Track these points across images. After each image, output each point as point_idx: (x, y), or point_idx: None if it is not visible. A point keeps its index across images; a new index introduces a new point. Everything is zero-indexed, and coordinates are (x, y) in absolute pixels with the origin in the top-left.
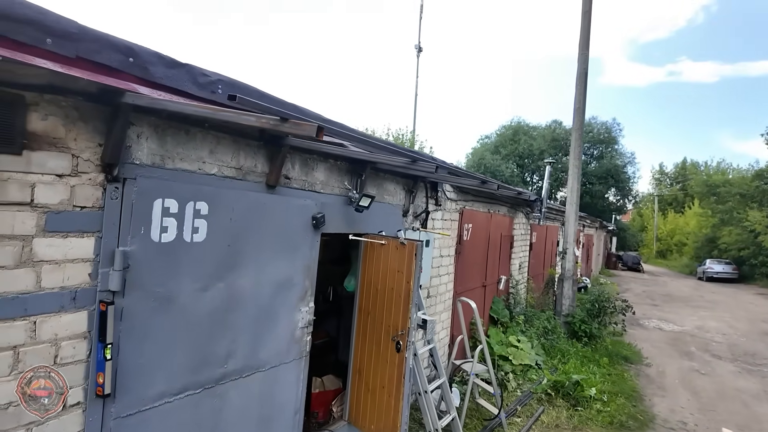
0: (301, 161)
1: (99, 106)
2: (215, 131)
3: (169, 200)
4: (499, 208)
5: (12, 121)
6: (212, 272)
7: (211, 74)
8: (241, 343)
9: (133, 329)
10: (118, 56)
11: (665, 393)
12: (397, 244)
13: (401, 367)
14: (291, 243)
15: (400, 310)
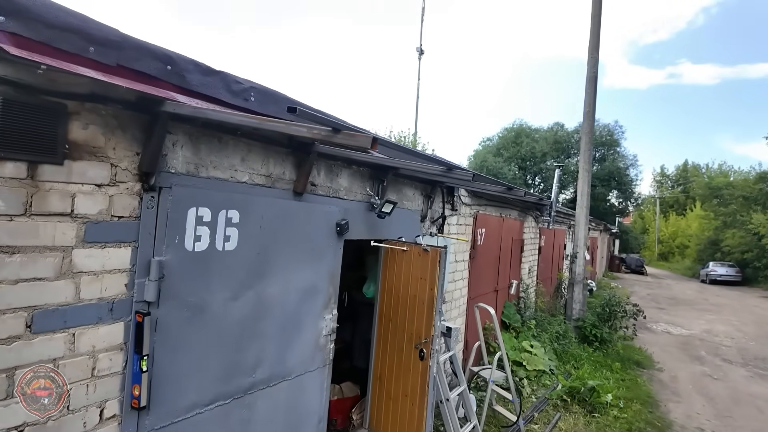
0: (326, 168)
1: (137, 115)
2: (246, 139)
3: (202, 209)
4: (511, 212)
5: (55, 130)
6: (242, 280)
7: (243, 81)
8: (269, 352)
9: (166, 340)
10: (156, 64)
11: (680, 399)
12: (420, 251)
13: (425, 376)
14: (316, 250)
15: (423, 317)
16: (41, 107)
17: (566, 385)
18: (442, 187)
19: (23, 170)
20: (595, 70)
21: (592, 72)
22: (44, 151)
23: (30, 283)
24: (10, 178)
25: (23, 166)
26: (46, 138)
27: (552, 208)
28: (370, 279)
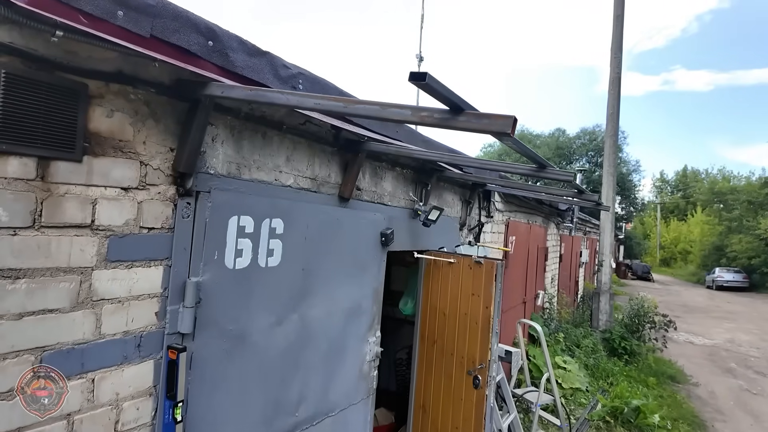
0: (371, 170)
1: (173, 101)
2: (292, 135)
3: (244, 218)
4: (537, 218)
5: (72, 117)
6: (286, 302)
7: (291, 66)
8: (312, 386)
9: (202, 379)
10: (197, 38)
11: (725, 417)
12: (471, 263)
13: (481, 406)
14: (360, 263)
15: (477, 339)
16: (56, 87)
17: (607, 404)
18: (479, 191)
19: (32, 168)
20: (619, 70)
21: (616, 73)
22: (59, 144)
23: (38, 317)
24: (14, 179)
25: (32, 163)
26: (62, 127)
27: (574, 214)
28: (407, 294)
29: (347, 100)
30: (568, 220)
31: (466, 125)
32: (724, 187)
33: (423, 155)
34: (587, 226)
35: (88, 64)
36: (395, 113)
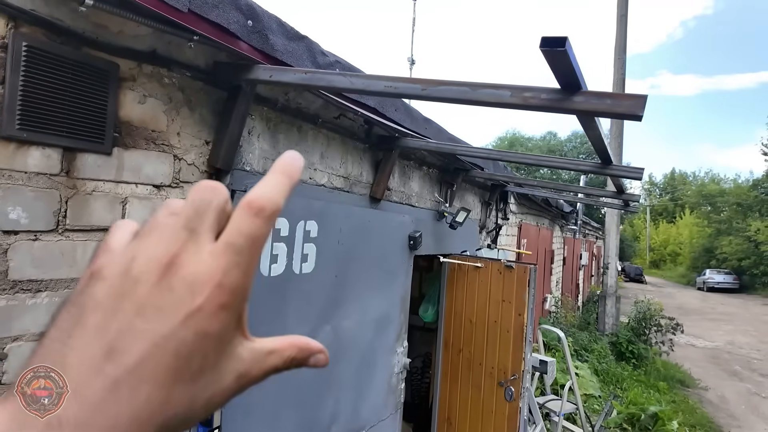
0: (399, 169)
1: (208, 88)
2: (326, 130)
3: (280, 220)
4: (544, 220)
5: (102, 102)
6: (320, 312)
7: (329, 54)
8: (345, 403)
9: (236, 401)
10: (236, 16)
11: (740, 423)
12: (501, 268)
13: (514, 420)
14: (389, 269)
15: (510, 349)
16: (83, 66)
17: (623, 411)
18: (498, 193)
19: (56, 161)
20: (623, 71)
21: (620, 74)
22: (86, 134)
23: None
24: (35, 174)
25: (56, 156)
26: (90, 114)
27: (578, 216)
28: (428, 300)
29: (426, 81)
30: (571, 222)
31: (584, 107)
32: (713, 189)
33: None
34: (586, 228)
35: (119, 40)
36: (490, 95)
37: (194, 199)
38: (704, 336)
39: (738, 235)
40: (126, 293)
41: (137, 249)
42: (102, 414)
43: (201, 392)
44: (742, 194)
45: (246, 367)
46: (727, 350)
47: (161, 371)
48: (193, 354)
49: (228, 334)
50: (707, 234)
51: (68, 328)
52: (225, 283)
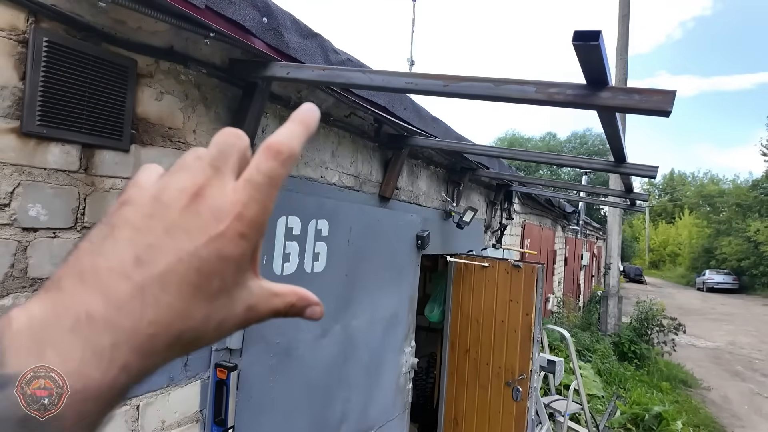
0: (407, 168)
1: (224, 85)
2: (337, 128)
3: (292, 218)
4: (546, 220)
5: (120, 98)
6: (331, 312)
7: (341, 52)
8: (354, 402)
9: (249, 400)
10: (252, 13)
11: (743, 423)
12: (507, 268)
13: (522, 420)
14: (398, 269)
15: (517, 348)
16: (102, 61)
17: (626, 411)
18: (503, 192)
19: (74, 158)
20: (625, 72)
21: (622, 74)
22: (105, 131)
23: None
24: (54, 171)
25: (75, 152)
26: (108, 110)
27: (580, 216)
28: (433, 300)
29: (448, 78)
30: (573, 223)
31: (612, 102)
32: (712, 190)
33: (479, 151)
34: (587, 228)
35: (137, 36)
36: (514, 91)
37: (219, 141)
38: (705, 336)
39: (738, 235)
40: (155, 215)
41: (166, 182)
42: (127, 314)
43: (215, 313)
44: (742, 195)
45: (255, 300)
46: (728, 350)
47: (184, 284)
48: (213, 274)
49: (244, 264)
50: (707, 234)
51: (99, 241)
52: (245, 215)
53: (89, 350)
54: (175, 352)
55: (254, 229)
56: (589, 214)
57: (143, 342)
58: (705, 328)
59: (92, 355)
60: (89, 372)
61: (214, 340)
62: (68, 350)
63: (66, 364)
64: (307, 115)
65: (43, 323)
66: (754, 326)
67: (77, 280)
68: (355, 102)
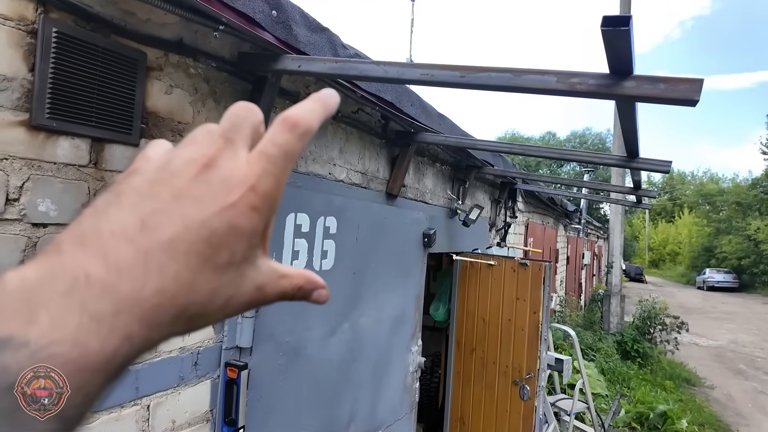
0: (414, 165)
1: (233, 79)
2: (345, 124)
3: (301, 215)
4: (549, 219)
5: (130, 91)
6: (339, 310)
7: (349, 47)
8: (362, 401)
9: (259, 399)
10: (262, 5)
11: (747, 421)
12: (514, 266)
13: (530, 419)
14: (405, 267)
15: (524, 347)
16: (112, 54)
17: (631, 410)
18: (507, 190)
19: (84, 152)
20: None
21: None
22: (114, 124)
23: None
24: (64, 165)
25: (84, 146)
26: (118, 103)
27: (582, 215)
28: (439, 299)
29: (465, 68)
30: (575, 221)
31: (636, 92)
32: (712, 189)
33: (488, 146)
34: (588, 227)
35: (146, 28)
36: (535, 81)
37: (230, 114)
38: (707, 335)
39: (738, 234)
40: (164, 182)
41: (175, 153)
42: (129, 280)
43: (223, 288)
44: (742, 193)
45: (263, 280)
46: (730, 349)
47: (192, 254)
48: (222, 245)
49: (255, 240)
50: (707, 233)
51: (104, 206)
52: (258, 187)
53: (87, 316)
54: (179, 326)
55: (267, 203)
56: (589, 213)
57: (147, 311)
58: (706, 327)
59: (90, 321)
60: (86, 340)
61: (220, 318)
62: (63, 314)
63: (60, 329)
64: (327, 97)
65: (37, 285)
66: (756, 325)
67: (77, 243)
68: (363, 97)
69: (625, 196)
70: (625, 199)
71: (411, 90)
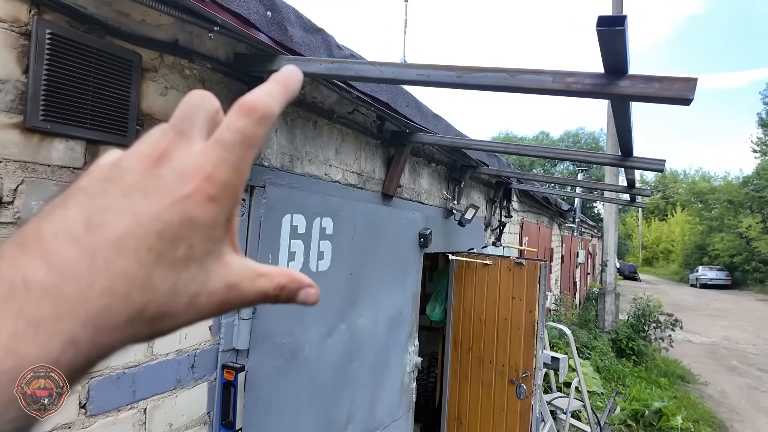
0: (409, 166)
1: (228, 80)
2: (340, 125)
3: (297, 216)
4: (543, 218)
5: (125, 93)
6: (336, 311)
7: (344, 48)
8: (360, 402)
9: (257, 402)
10: (257, 6)
11: (741, 417)
12: (510, 265)
13: (526, 418)
14: (401, 267)
15: (521, 346)
16: (106, 55)
17: (626, 407)
18: (502, 190)
19: (79, 154)
20: None
21: None
22: (109, 126)
23: None
24: (58, 167)
25: (79, 149)
26: (113, 105)
27: (576, 214)
28: (435, 299)
29: (461, 68)
30: (569, 221)
31: (631, 91)
32: (704, 187)
33: (484, 146)
34: (582, 226)
35: (141, 30)
36: (530, 81)
37: (183, 104)
38: (700, 332)
39: (729, 231)
40: (112, 179)
41: (127, 151)
42: (73, 281)
43: (184, 285)
44: (733, 191)
45: (236, 278)
46: (724, 346)
47: (143, 249)
48: (177, 239)
49: (216, 232)
50: (699, 231)
51: (49, 209)
52: (214, 176)
53: (23, 321)
54: (139, 328)
55: (226, 193)
56: (583, 212)
57: (95, 313)
58: (700, 324)
59: (27, 327)
60: (22, 347)
61: (189, 319)
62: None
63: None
64: (288, 77)
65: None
66: (748, 321)
67: (18, 248)
68: (358, 98)
69: (618, 195)
70: (619, 197)
71: (406, 90)
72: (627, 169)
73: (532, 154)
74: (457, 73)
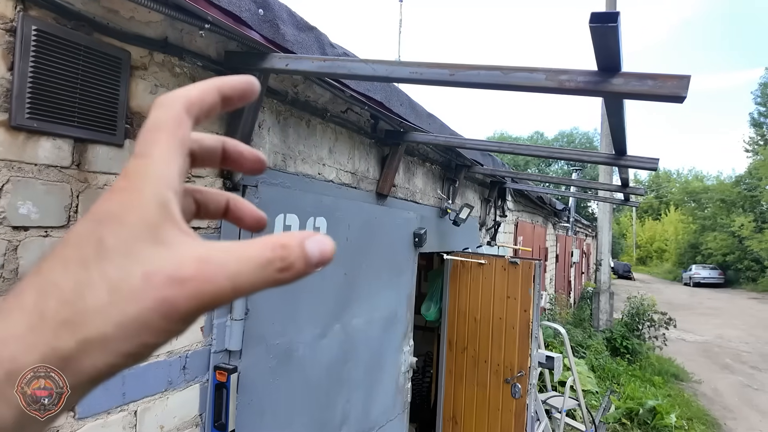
0: (404, 165)
1: None
2: (334, 124)
3: (290, 216)
4: (538, 218)
5: (113, 91)
6: (330, 311)
7: (337, 46)
8: (355, 403)
9: (250, 404)
10: (248, 4)
11: (734, 415)
12: (505, 264)
13: (521, 417)
14: (396, 266)
15: (516, 345)
16: (94, 52)
17: (621, 406)
18: (497, 189)
19: (67, 153)
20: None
21: None
22: (97, 125)
23: None
24: (46, 166)
25: (67, 147)
26: (101, 103)
27: (571, 214)
28: (430, 298)
29: (454, 66)
30: (564, 220)
31: (624, 89)
32: (697, 186)
33: (478, 146)
34: (577, 226)
35: (130, 27)
36: (523, 79)
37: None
38: (694, 330)
39: (722, 230)
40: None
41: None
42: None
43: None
44: (726, 191)
45: (198, 253)
46: (717, 344)
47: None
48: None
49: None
50: (692, 230)
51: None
52: (128, 167)
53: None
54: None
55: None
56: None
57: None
58: (693, 323)
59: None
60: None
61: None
62: None
63: None
64: (229, 80)
65: None
66: (741, 320)
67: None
68: (352, 97)
69: (612, 194)
70: (613, 197)
71: (400, 89)
72: (621, 168)
73: (527, 153)
74: (450, 71)
